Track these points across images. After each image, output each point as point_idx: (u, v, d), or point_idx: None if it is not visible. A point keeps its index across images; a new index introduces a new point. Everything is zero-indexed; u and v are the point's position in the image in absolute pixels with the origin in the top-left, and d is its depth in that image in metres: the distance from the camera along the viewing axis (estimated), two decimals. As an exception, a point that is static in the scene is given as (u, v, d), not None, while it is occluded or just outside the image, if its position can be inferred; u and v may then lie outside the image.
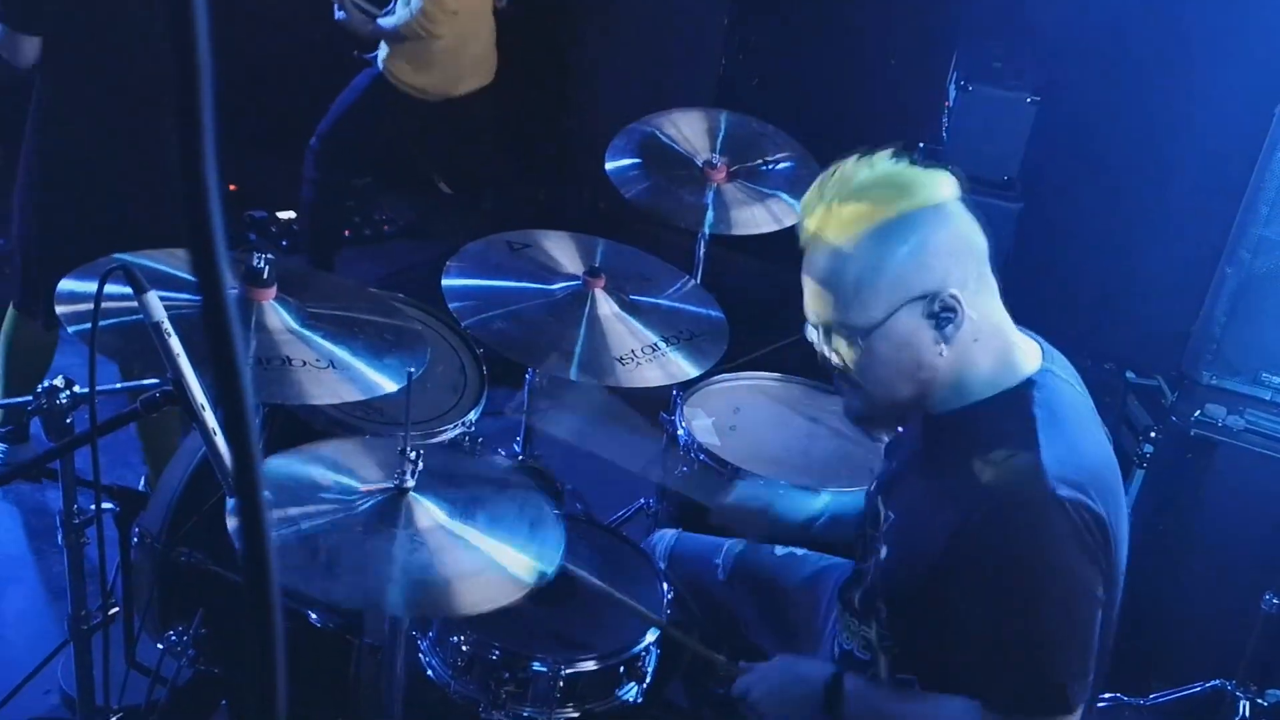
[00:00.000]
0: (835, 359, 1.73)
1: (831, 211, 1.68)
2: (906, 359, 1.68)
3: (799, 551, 2.30)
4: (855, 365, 1.71)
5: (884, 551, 1.82)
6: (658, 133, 3.18)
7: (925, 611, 1.74)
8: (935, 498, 1.72)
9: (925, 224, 1.65)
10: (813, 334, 1.76)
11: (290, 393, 1.96)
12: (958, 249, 1.66)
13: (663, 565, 2.35)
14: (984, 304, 1.69)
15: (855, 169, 1.69)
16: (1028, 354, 1.74)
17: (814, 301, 1.73)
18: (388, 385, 2.05)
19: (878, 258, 1.65)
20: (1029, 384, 1.69)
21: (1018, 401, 1.68)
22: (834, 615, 2.05)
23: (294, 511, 1.78)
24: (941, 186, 1.68)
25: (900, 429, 1.97)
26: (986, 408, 1.69)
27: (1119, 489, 1.70)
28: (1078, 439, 1.66)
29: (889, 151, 1.69)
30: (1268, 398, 3.06)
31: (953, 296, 1.64)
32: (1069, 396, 1.72)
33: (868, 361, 1.70)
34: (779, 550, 2.31)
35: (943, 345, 1.66)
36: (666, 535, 2.49)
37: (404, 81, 4.44)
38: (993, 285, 1.71)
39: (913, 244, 1.64)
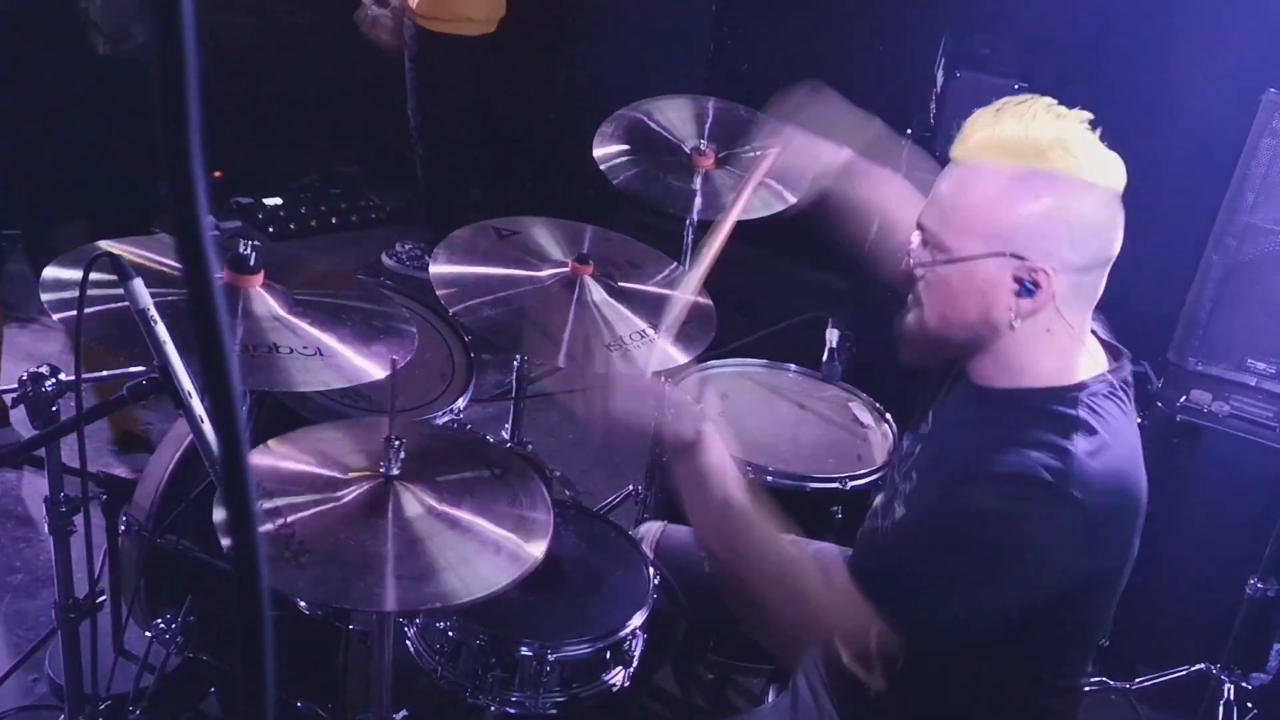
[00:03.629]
0: (919, 269, 1.69)
1: (998, 134, 1.63)
2: (975, 305, 1.64)
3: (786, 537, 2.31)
4: (928, 282, 1.68)
5: (899, 513, 1.79)
6: (645, 119, 3.17)
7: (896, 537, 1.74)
8: (953, 463, 1.68)
9: (1066, 195, 1.59)
10: (915, 235, 1.72)
11: (277, 379, 1.96)
12: (1080, 236, 1.60)
13: (650, 556, 2.35)
14: (1076, 305, 1.65)
15: (1045, 112, 1.64)
16: (1093, 363, 1.70)
17: (931, 205, 1.69)
18: (375, 372, 2.04)
19: (1005, 199, 1.60)
20: (1081, 387, 1.65)
21: (1065, 401, 1.63)
22: None
23: (280, 503, 1.78)
24: (1109, 172, 1.63)
25: (931, 368, 1.91)
26: (1034, 397, 1.65)
27: (1139, 508, 1.64)
28: (1116, 451, 1.61)
29: (1085, 115, 1.65)
30: (1253, 384, 3.07)
31: (1045, 273, 1.59)
32: (1118, 411, 1.66)
33: (941, 286, 1.66)
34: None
35: (1014, 314, 1.62)
36: (654, 527, 2.50)
37: (438, 19, 4.54)
38: (1093, 294, 1.67)
39: (1043, 206, 1.59)
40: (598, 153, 3.09)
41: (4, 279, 3.56)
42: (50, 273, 2.02)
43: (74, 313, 1.82)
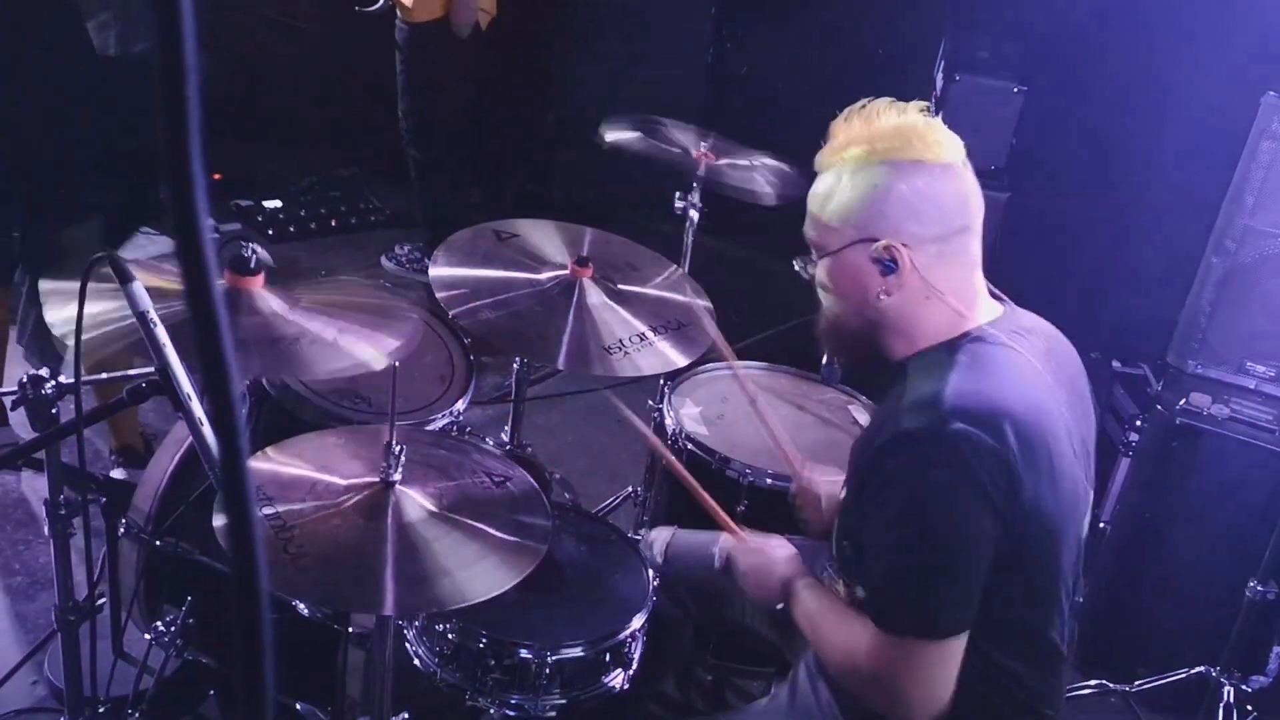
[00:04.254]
0: (808, 274, 1.88)
1: (844, 138, 1.80)
2: (853, 292, 1.79)
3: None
4: (819, 283, 1.86)
5: (845, 492, 1.92)
6: (644, 123, 3.21)
7: (853, 546, 1.83)
8: (875, 435, 1.81)
9: (901, 177, 1.73)
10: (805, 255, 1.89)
11: (282, 369, 1.96)
12: (923, 209, 1.73)
13: (660, 561, 2.36)
14: (945, 271, 1.76)
15: (886, 109, 1.80)
16: (983, 316, 1.81)
17: (808, 215, 1.85)
18: (377, 358, 2.04)
19: (851, 191, 1.76)
20: (965, 336, 1.77)
21: (948, 349, 1.76)
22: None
23: (280, 507, 1.78)
24: (942, 149, 1.76)
25: (856, 361, 2.10)
26: (925, 354, 1.79)
27: (1041, 437, 1.69)
28: (991, 382, 1.70)
29: (922, 104, 1.81)
30: (1252, 386, 3.07)
31: (895, 248, 1.73)
32: (1004, 355, 1.75)
33: (825, 281, 1.84)
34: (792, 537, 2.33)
35: (883, 291, 1.76)
36: (664, 532, 2.49)
37: (423, 18, 4.55)
38: (965, 257, 1.79)
39: (881, 190, 1.73)
40: (606, 134, 3.16)
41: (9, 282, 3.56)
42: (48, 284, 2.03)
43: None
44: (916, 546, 1.69)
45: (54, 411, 1.91)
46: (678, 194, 3.17)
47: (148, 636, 2.36)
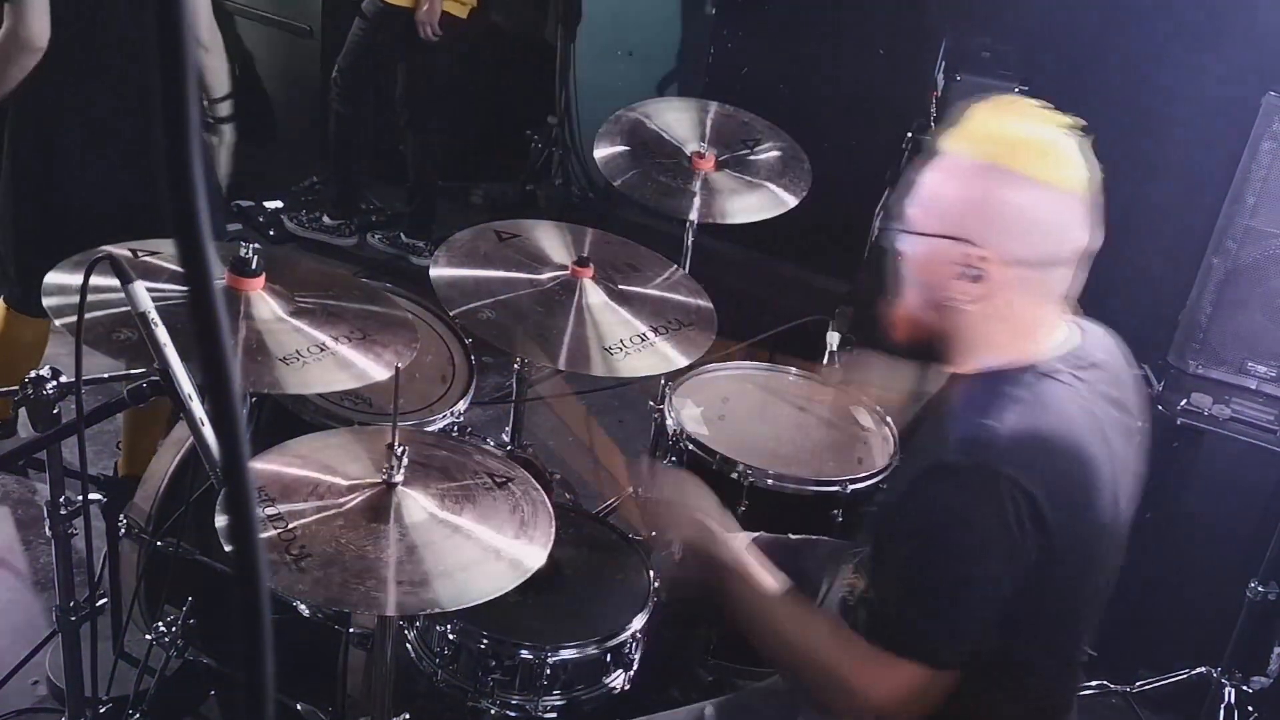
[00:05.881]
0: (893, 242, 1.80)
1: (980, 127, 1.73)
2: (932, 282, 1.74)
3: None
4: (903, 255, 1.78)
5: (879, 495, 1.89)
6: (645, 120, 3.17)
7: (873, 555, 1.81)
8: (921, 449, 1.78)
9: (1019, 191, 1.67)
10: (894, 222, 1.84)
11: (279, 382, 1.96)
12: (1027, 232, 1.68)
13: (678, 558, 2.36)
14: (1029, 297, 1.72)
15: (1033, 112, 1.73)
16: (1052, 347, 1.76)
17: (911, 186, 1.80)
18: (377, 373, 2.05)
19: (963, 187, 1.70)
20: (1029, 369, 1.71)
21: (1008, 381, 1.70)
22: (838, 578, 2.07)
23: (282, 508, 1.78)
24: (1069, 176, 1.69)
25: (906, 351, 2.04)
26: (982, 378, 1.73)
27: (1082, 486, 1.67)
28: (1046, 422, 1.66)
29: (1077, 122, 1.73)
30: (1253, 387, 3.07)
31: (988, 260, 1.67)
32: (1063, 394, 1.71)
33: (906, 260, 1.78)
34: (794, 536, 2.33)
35: (961, 296, 1.70)
36: None
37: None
38: (1050, 289, 1.74)
39: (994, 198, 1.67)
40: (598, 154, 3.10)
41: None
42: (53, 277, 2.03)
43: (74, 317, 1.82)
44: (936, 572, 1.67)
45: (55, 412, 1.92)
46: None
47: (148, 637, 2.36)
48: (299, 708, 2.31)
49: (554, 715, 2.10)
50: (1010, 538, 1.60)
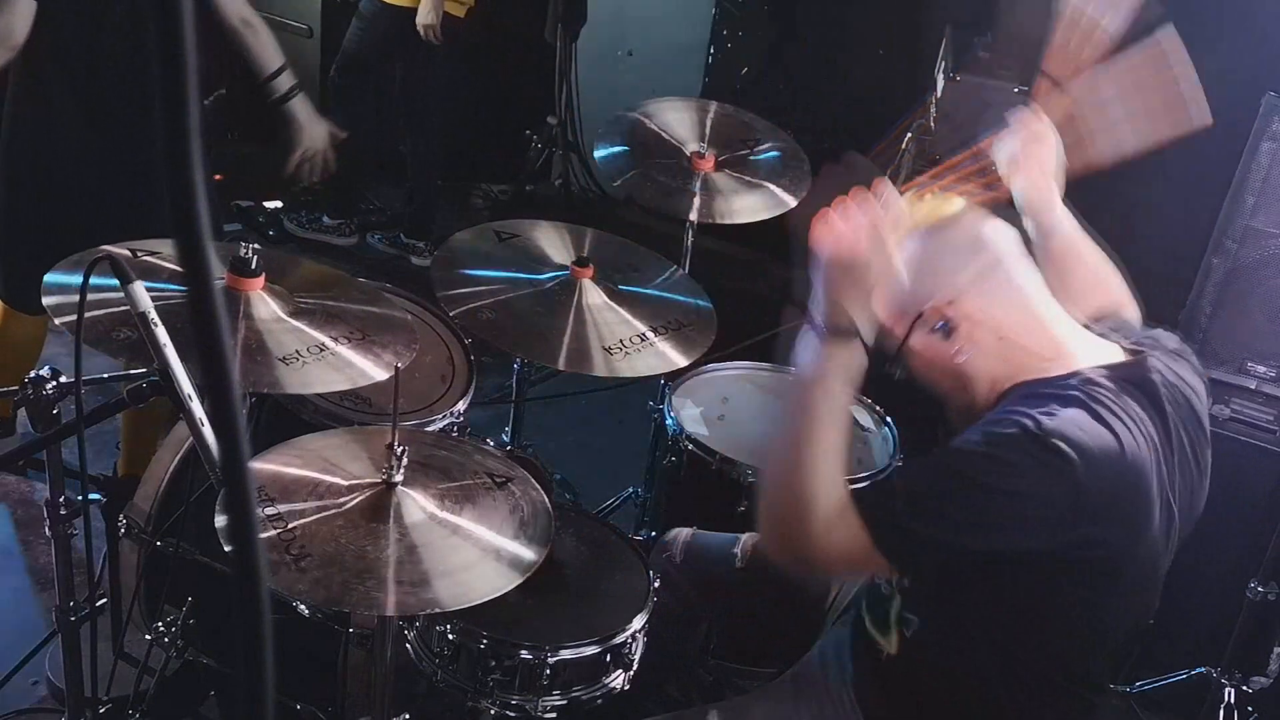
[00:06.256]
0: (898, 375, 1.84)
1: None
2: (938, 366, 1.77)
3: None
4: (912, 375, 1.82)
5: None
6: (645, 120, 3.17)
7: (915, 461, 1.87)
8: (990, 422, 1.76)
9: (928, 239, 1.74)
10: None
11: (278, 382, 1.96)
12: (941, 261, 1.74)
13: (680, 560, 2.36)
14: (1003, 308, 1.74)
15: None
16: (1088, 357, 1.75)
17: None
18: (376, 373, 2.05)
19: (894, 275, 1.72)
20: (1075, 374, 1.71)
21: (1059, 385, 1.69)
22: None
23: (281, 507, 1.78)
24: (940, 209, 1.77)
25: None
26: (1028, 386, 1.72)
27: (1134, 495, 1.66)
28: (1108, 428, 1.64)
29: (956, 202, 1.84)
30: (1253, 387, 3.07)
31: (936, 309, 1.71)
32: (1112, 400, 1.69)
33: (915, 371, 1.82)
34: None
35: (958, 353, 1.73)
36: (683, 532, 2.49)
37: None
38: (1012, 289, 1.76)
39: (913, 259, 1.72)
40: (598, 154, 3.10)
41: None
42: (52, 277, 2.03)
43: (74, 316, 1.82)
44: (956, 504, 1.65)
45: (55, 412, 1.92)
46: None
47: (148, 637, 2.36)
48: (299, 708, 2.31)
49: (554, 715, 2.10)
50: (1044, 508, 1.60)
